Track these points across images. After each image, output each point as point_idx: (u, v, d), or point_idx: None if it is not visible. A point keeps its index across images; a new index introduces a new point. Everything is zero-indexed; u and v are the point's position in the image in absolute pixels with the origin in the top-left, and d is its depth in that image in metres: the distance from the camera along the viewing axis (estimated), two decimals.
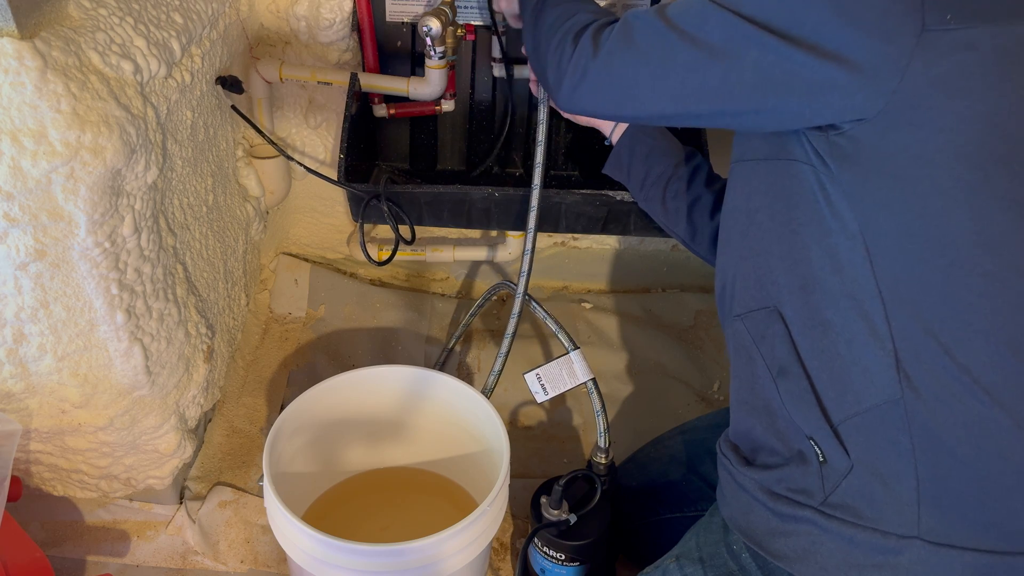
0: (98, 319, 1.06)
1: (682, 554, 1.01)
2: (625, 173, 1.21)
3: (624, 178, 1.22)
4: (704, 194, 1.14)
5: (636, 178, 1.20)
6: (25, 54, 0.84)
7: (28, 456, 1.21)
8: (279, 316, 1.76)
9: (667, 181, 1.16)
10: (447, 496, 1.38)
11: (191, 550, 1.32)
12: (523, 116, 1.57)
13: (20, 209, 0.92)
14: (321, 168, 1.60)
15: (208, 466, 1.44)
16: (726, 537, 0.96)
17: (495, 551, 1.35)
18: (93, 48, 0.94)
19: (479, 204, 1.41)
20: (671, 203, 1.17)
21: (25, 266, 0.98)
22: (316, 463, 1.32)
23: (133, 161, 0.98)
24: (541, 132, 1.23)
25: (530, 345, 1.74)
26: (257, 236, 1.63)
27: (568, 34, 0.92)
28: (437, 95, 1.46)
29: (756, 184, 0.88)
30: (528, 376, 1.25)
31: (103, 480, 1.28)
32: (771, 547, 0.87)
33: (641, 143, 1.18)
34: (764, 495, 0.87)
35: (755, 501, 0.89)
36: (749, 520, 0.90)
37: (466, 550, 1.06)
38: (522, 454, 1.51)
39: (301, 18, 1.42)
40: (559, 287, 1.92)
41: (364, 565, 1.01)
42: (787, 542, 0.85)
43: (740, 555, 0.94)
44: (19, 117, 0.87)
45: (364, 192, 1.37)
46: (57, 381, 1.11)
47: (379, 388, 1.31)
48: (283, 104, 1.58)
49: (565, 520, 1.16)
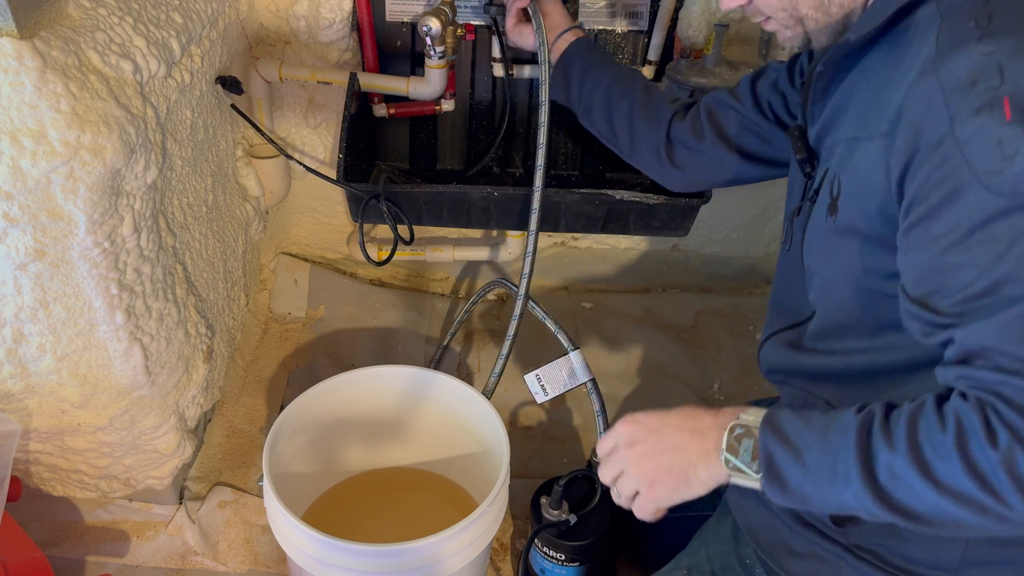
0: (98, 319, 1.06)
1: (692, 566, 1.00)
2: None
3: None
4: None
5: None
6: (25, 54, 0.84)
7: (28, 456, 1.21)
8: (279, 316, 1.76)
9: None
10: (447, 496, 1.38)
11: (191, 550, 1.32)
12: (523, 116, 1.57)
13: (20, 209, 0.92)
14: (321, 168, 1.60)
15: (208, 466, 1.44)
16: (738, 550, 0.95)
17: (495, 551, 1.35)
18: (93, 48, 0.94)
19: (478, 204, 1.41)
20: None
21: (25, 266, 0.98)
22: (316, 463, 1.32)
23: (133, 161, 0.98)
24: (542, 135, 1.23)
25: (531, 346, 1.73)
26: (257, 236, 1.63)
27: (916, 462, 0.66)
28: (437, 95, 1.45)
29: None
30: (528, 377, 1.25)
31: (103, 480, 1.28)
32: (790, 568, 0.86)
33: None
34: (791, 519, 0.86)
35: (779, 521, 0.87)
36: (769, 537, 0.89)
37: (466, 550, 1.06)
38: (522, 454, 1.50)
39: (301, 18, 1.42)
40: (559, 287, 1.91)
41: (364, 565, 1.01)
42: (809, 566, 0.84)
43: (754, 569, 0.92)
44: (19, 117, 0.87)
45: (363, 192, 1.37)
46: (57, 381, 1.11)
47: (379, 388, 1.30)
48: (283, 104, 1.58)
49: (565, 520, 1.16)
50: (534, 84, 1.54)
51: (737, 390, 1.69)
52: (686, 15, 1.41)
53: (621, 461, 0.82)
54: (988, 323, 0.63)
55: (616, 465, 0.83)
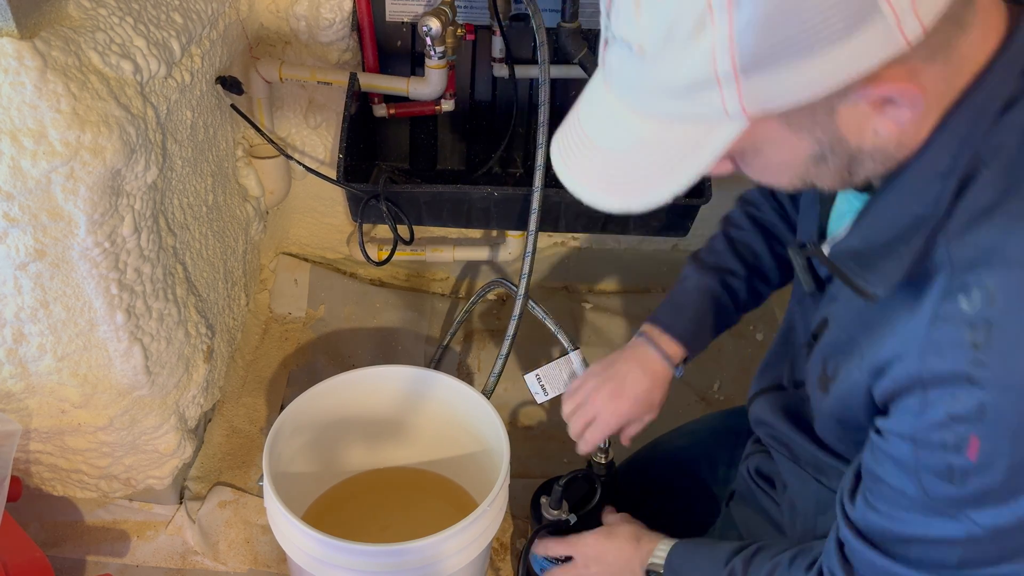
0: (98, 319, 1.06)
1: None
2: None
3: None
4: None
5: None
6: (25, 54, 0.84)
7: (28, 456, 1.21)
8: (279, 316, 1.76)
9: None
10: (447, 496, 1.38)
11: (191, 550, 1.32)
12: (524, 116, 1.57)
13: (20, 209, 0.92)
14: (321, 168, 1.60)
15: (208, 466, 1.44)
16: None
17: (495, 551, 1.35)
18: (93, 48, 0.94)
19: (478, 204, 1.41)
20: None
21: (25, 266, 0.98)
22: (316, 463, 1.32)
23: (133, 161, 0.98)
24: (542, 135, 1.23)
25: (531, 346, 1.73)
26: (257, 236, 1.63)
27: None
28: (437, 95, 1.45)
29: None
30: (528, 377, 1.25)
31: (103, 480, 1.28)
32: None
33: None
34: None
35: None
36: None
37: (466, 550, 1.06)
38: (522, 454, 1.50)
39: (301, 18, 1.42)
40: (559, 287, 1.91)
41: (364, 565, 1.01)
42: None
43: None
44: (19, 117, 0.87)
45: (363, 192, 1.37)
46: (57, 381, 1.11)
47: (379, 388, 1.30)
48: (283, 104, 1.58)
49: (565, 520, 1.16)
50: (534, 84, 1.54)
51: (737, 390, 1.69)
52: None
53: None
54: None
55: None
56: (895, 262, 0.64)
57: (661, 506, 1.21)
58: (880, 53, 0.52)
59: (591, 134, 0.65)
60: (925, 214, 0.62)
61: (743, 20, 0.51)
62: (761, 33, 0.52)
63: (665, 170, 0.61)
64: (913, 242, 0.62)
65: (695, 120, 0.58)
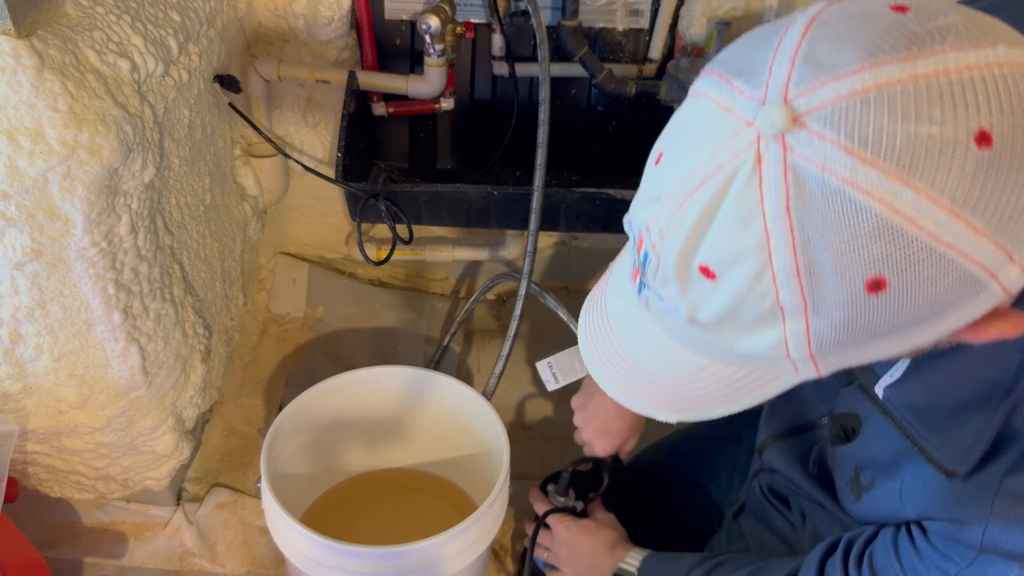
0: (95, 319, 1.05)
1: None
2: None
3: None
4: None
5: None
6: (22, 52, 0.83)
7: (25, 457, 1.21)
8: (277, 316, 1.76)
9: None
10: (447, 497, 1.37)
11: (189, 552, 1.32)
12: (524, 114, 1.56)
13: (16, 208, 0.92)
14: (319, 167, 1.59)
15: (206, 467, 1.44)
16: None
17: (495, 552, 1.34)
18: (90, 46, 0.93)
19: (478, 203, 1.40)
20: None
21: (21, 266, 0.98)
22: (314, 464, 1.31)
23: (130, 160, 0.97)
24: (542, 133, 1.22)
25: (531, 346, 1.73)
26: (255, 235, 1.62)
27: None
28: (436, 93, 1.45)
29: None
30: (540, 365, 1.24)
31: (100, 481, 1.27)
32: None
33: None
34: None
35: None
36: None
37: (466, 552, 1.05)
38: (522, 454, 1.50)
39: (299, 16, 1.42)
40: (559, 287, 1.91)
41: (363, 567, 1.01)
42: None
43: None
44: (15, 116, 0.86)
45: (361, 191, 1.37)
46: (54, 381, 1.10)
47: (378, 388, 1.30)
48: (281, 102, 1.57)
49: (572, 507, 1.15)
50: (533, 83, 1.54)
51: None
52: (687, 12, 1.40)
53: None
54: None
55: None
56: (970, 433, 0.58)
57: (661, 511, 1.20)
58: (982, 309, 0.45)
59: (633, 353, 0.59)
60: (1002, 383, 0.56)
61: (823, 324, 0.45)
62: (847, 331, 0.45)
63: (724, 397, 0.55)
64: (987, 411, 0.57)
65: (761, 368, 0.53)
